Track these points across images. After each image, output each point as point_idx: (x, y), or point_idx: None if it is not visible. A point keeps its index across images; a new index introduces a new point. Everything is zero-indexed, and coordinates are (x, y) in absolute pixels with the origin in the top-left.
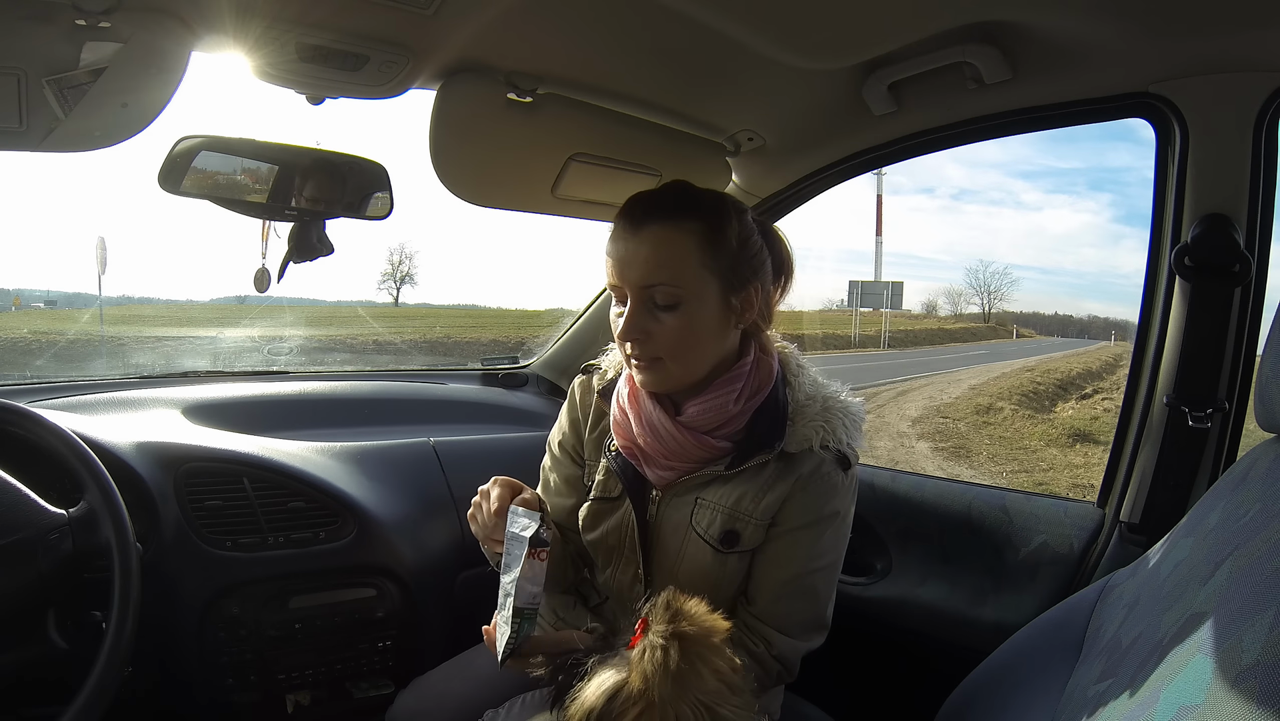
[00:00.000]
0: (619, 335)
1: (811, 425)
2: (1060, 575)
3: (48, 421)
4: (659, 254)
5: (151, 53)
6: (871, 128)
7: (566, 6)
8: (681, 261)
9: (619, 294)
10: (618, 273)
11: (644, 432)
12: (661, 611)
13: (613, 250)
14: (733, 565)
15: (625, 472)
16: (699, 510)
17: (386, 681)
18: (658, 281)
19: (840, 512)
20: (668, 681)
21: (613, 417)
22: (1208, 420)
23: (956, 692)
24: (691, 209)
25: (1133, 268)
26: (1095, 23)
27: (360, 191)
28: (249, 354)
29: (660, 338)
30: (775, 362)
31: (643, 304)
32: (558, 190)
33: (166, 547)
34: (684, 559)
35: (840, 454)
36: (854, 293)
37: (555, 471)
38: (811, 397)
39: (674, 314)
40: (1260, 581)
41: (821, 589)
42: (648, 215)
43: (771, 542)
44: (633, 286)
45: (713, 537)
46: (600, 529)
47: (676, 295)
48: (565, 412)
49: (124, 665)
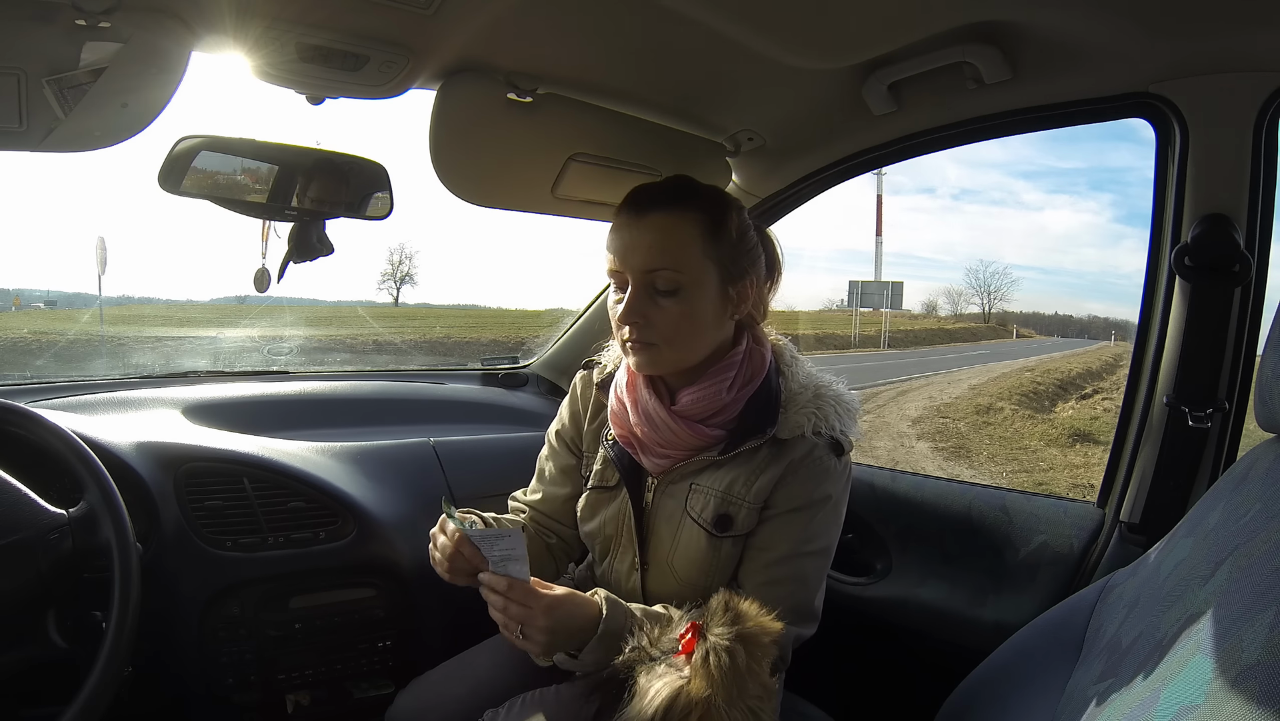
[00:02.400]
0: (619, 318)
1: (804, 411)
2: (1060, 575)
3: (48, 421)
4: (662, 240)
5: (151, 53)
6: (871, 128)
7: (566, 7)
8: (684, 248)
9: (619, 280)
10: (620, 258)
11: (640, 421)
12: (720, 614)
13: (615, 237)
14: (727, 550)
15: (622, 461)
16: (693, 495)
17: (386, 681)
18: (660, 266)
19: (832, 497)
20: (734, 684)
21: (610, 407)
22: (1208, 420)
23: (956, 692)
24: (694, 199)
25: (1133, 267)
26: (1095, 23)
27: (360, 191)
28: (249, 354)
29: (659, 323)
30: (768, 353)
31: (644, 289)
32: (558, 190)
33: (166, 547)
34: (679, 545)
35: (833, 439)
36: (854, 292)
37: (552, 461)
38: (804, 386)
39: (674, 299)
40: (1260, 581)
41: (811, 575)
42: (652, 202)
43: (763, 525)
44: (635, 271)
45: (706, 521)
46: (598, 518)
47: (678, 281)
48: (566, 406)
49: (124, 665)
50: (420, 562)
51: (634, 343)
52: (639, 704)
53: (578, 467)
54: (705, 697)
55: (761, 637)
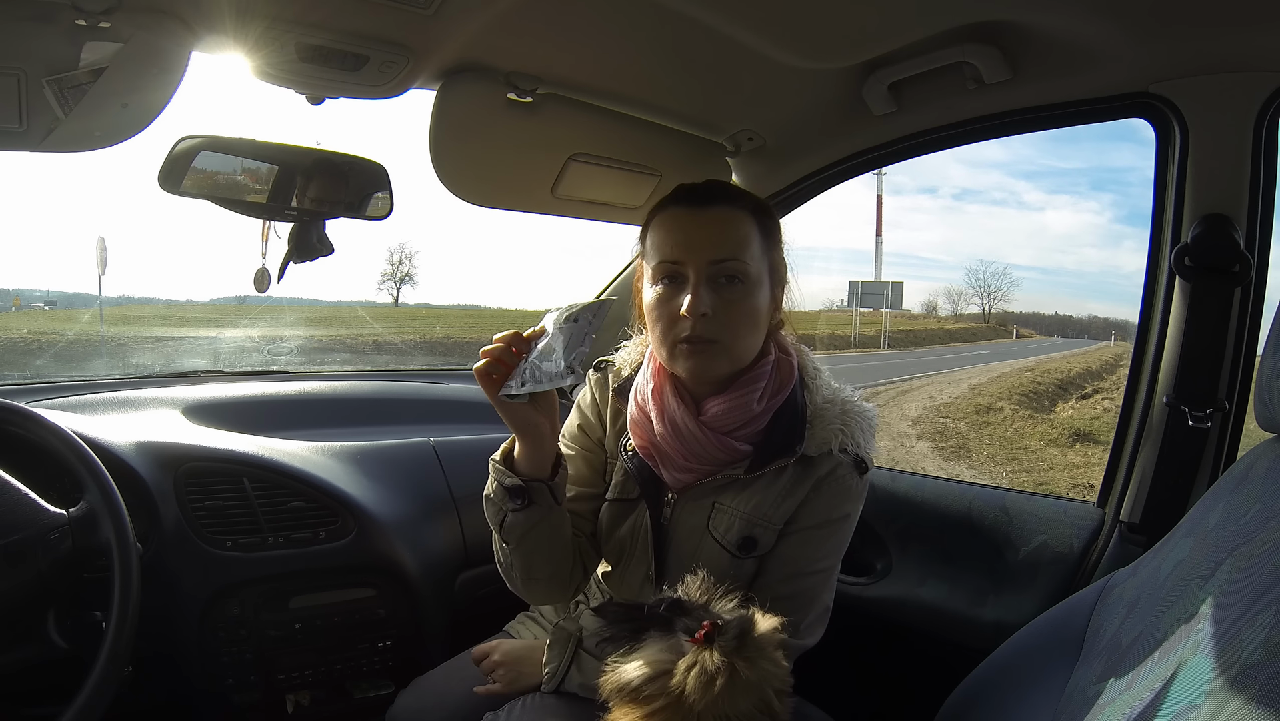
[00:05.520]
0: (685, 310)
1: (830, 428)
2: (1060, 575)
3: (48, 421)
4: (728, 232)
5: (151, 53)
6: (871, 128)
7: (566, 6)
8: (747, 243)
9: (673, 271)
10: (683, 249)
11: (665, 431)
12: (731, 638)
13: (672, 228)
14: (748, 568)
15: (641, 474)
16: (716, 514)
17: (386, 681)
18: (728, 256)
19: (850, 516)
20: (704, 700)
21: (630, 416)
22: (1208, 420)
23: (957, 692)
24: (747, 198)
25: (1134, 267)
26: (1095, 23)
27: (360, 191)
28: (249, 354)
29: (724, 316)
30: (795, 362)
31: (709, 280)
32: (558, 190)
33: (166, 547)
34: (698, 562)
35: (858, 457)
36: (854, 292)
37: (582, 460)
38: (830, 401)
39: (739, 291)
40: (1260, 581)
41: (820, 590)
42: (712, 196)
43: (781, 541)
44: (700, 262)
45: (731, 544)
46: (615, 530)
47: (743, 271)
48: (589, 405)
49: (124, 665)
50: (421, 562)
51: (693, 341)
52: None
53: (605, 466)
54: (678, 695)
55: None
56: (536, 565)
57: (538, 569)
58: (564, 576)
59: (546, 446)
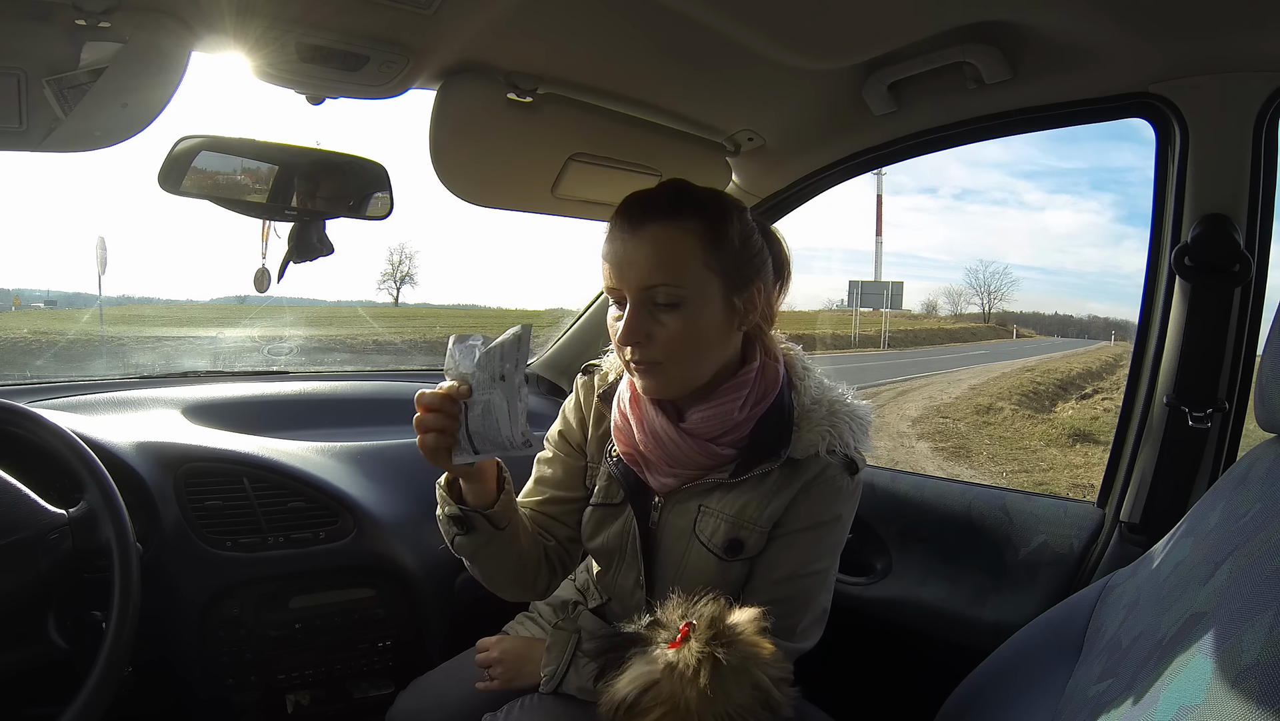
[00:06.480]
0: (618, 340)
1: (818, 430)
2: (1060, 575)
3: (48, 421)
4: (660, 254)
5: (151, 53)
6: (871, 128)
7: (566, 6)
8: (683, 261)
9: (617, 296)
10: (616, 274)
11: (646, 439)
12: (704, 630)
13: (610, 252)
14: (736, 571)
15: (627, 479)
16: (702, 518)
17: (386, 681)
18: (659, 282)
19: (842, 517)
20: (695, 696)
21: (613, 423)
22: (1208, 420)
23: (957, 692)
24: (691, 207)
25: (1134, 268)
26: (1095, 23)
27: (360, 191)
28: (249, 354)
29: (662, 341)
30: (781, 367)
31: (643, 306)
32: (558, 190)
33: (166, 547)
34: (687, 565)
35: (848, 458)
36: (854, 292)
37: (558, 463)
38: (818, 401)
39: (676, 315)
40: (1260, 581)
41: (816, 592)
42: (646, 214)
43: (771, 544)
44: (633, 288)
45: (717, 546)
46: (601, 535)
47: (678, 295)
48: (571, 409)
49: (124, 665)
50: (421, 563)
51: (638, 364)
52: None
53: (584, 471)
54: (671, 696)
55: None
56: (493, 574)
57: (495, 578)
58: (526, 581)
59: (488, 481)
